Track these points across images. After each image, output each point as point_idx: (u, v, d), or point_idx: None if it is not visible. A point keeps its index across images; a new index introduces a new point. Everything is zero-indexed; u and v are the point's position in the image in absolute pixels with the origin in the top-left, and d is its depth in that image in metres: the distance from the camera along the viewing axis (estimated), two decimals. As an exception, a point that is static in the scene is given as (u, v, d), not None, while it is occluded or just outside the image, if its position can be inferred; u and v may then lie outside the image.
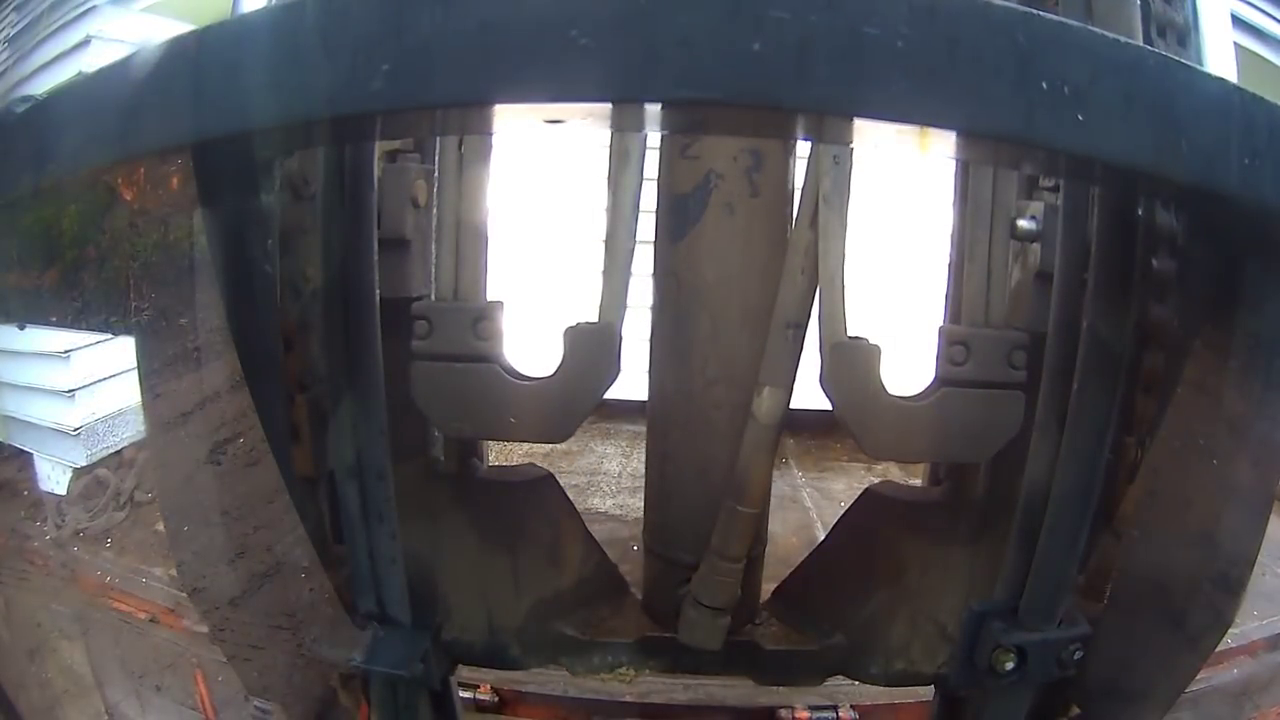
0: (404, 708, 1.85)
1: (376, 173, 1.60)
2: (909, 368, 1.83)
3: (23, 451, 4.00)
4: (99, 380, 3.78)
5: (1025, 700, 1.81)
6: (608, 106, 0.88)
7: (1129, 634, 1.77)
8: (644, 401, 1.99)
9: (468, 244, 1.80)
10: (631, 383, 1.85)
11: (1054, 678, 1.74)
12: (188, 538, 1.71)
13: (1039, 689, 1.81)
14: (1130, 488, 1.72)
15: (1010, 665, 1.68)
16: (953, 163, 1.83)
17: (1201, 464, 1.64)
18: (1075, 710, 1.90)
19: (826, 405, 1.75)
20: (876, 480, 2.25)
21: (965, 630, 1.73)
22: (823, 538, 2.17)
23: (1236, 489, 1.61)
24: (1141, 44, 1.48)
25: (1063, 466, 1.58)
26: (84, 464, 3.79)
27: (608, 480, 4.42)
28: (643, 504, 2.13)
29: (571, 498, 2.03)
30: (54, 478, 3.90)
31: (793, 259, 1.74)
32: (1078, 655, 1.72)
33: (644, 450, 2.08)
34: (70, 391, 3.66)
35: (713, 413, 1.86)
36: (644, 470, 2.11)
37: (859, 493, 2.06)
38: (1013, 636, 1.67)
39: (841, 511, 2.10)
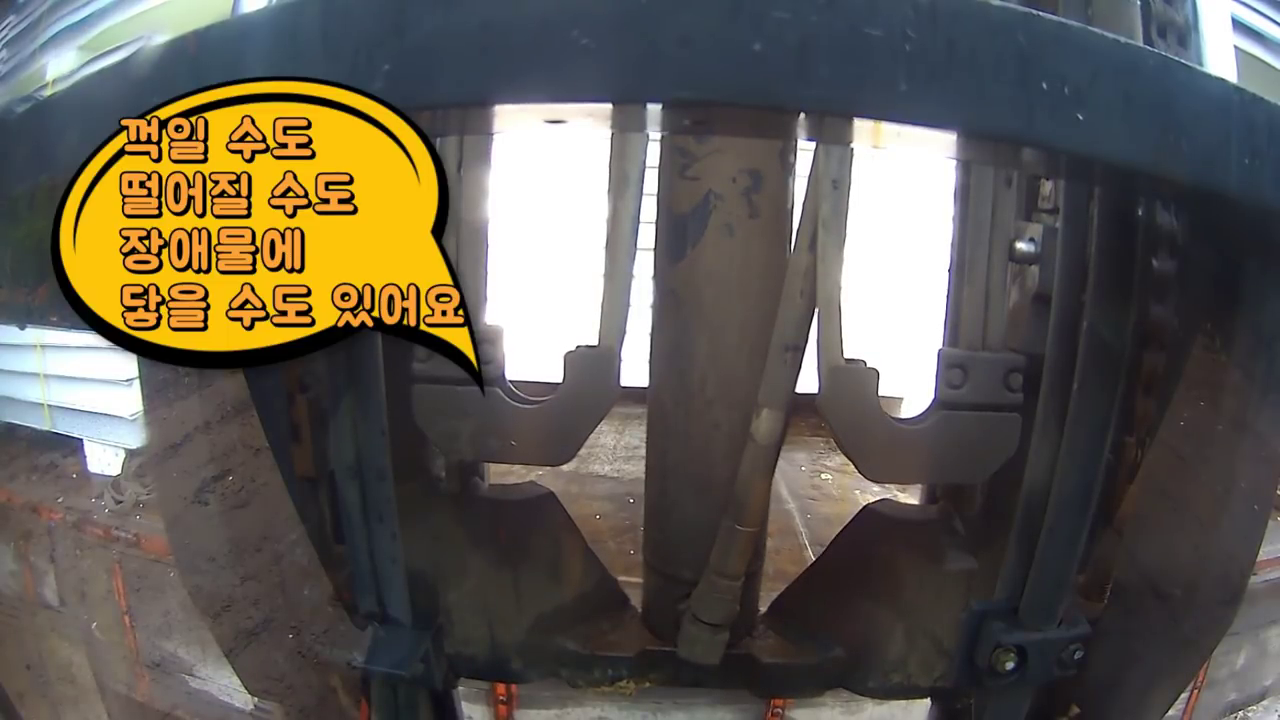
0: (404, 708, 1.85)
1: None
2: (909, 382, 1.84)
3: (67, 438, 4.16)
4: (153, 371, 3.94)
5: (1025, 700, 1.81)
6: (609, 106, 0.88)
7: (1129, 634, 1.77)
8: (634, 387, 1.99)
9: (467, 266, 1.80)
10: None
11: (1054, 678, 1.74)
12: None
13: (1039, 689, 1.81)
14: (1130, 488, 1.72)
15: (1010, 665, 1.68)
16: (951, 185, 1.84)
17: (1201, 464, 1.64)
18: (1075, 710, 1.90)
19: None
20: (835, 452, 2.27)
21: (965, 630, 1.73)
22: (820, 553, 2.19)
23: (1236, 489, 1.61)
24: (1141, 44, 1.49)
25: (1063, 467, 1.58)
26: (138, 446, 3.94)
27: (605, 451, 4.87)
28: (634, 470, 2.13)
29: (575, 465, 2.04)
30: (105, 460, 4.06)
31: (791, 282, 1.74)
32: (1078, 655, 1.72)
33: (635, 427, 2.09)
34: (129, 380, 3.81)
35: (712, 432, 1.86)
36: (635, 448, 2.12)
37: (820, 466, 2.08)
38: (1013, 636, 1.67)
39: (803, 475, 2.11)
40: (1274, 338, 1.56)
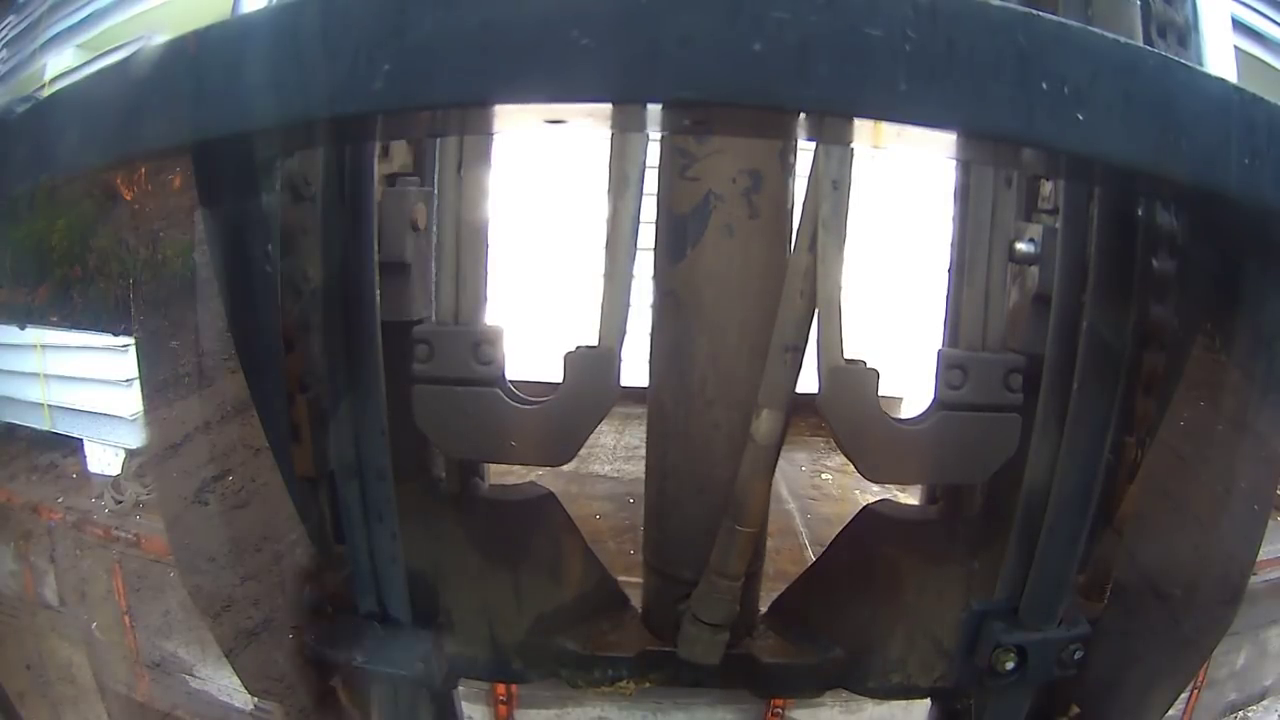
0: (404, 708, 1.85)
1: (376, 176, 1.60)
2: (909, 382, 1.84)
3: (67, 438, 4.19)
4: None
5: (1025, 700, 1.81)
6: (609, 106, 0.88)
7: (1129, 634, 1.77)
8: (634, 387, 2.00)
9: (468, 267, 1.81)
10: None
11: (1054, 678, 1.74)
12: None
13: (1039, 689, 1.81)
14: (1130, 488, 1.72)
15: (1010, 665, 1.68)
16: (951, 186, 1.85)
17: (1201, 464, 1.64)
18: (1075, 710, 1.90)
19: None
20: (835, 452, 2.26)
21: (965, 630, 1.73)
22: (820, 553, 2.18)
23: (1236, 489, 1.61)
24: (1141, 44, 1.49)
25: (1063, 467, 1.58)
26: (138, 446, 3.96)
27: (605, 451, 4.93)
28: (634, 470, 2.13)
29: (575, 465, 2.03)
30: (105, 460, 4.10)
31: (791, 282, 1.74)
32: (1078, 655, 1.72)
33: (635, 427, 2.09)
34: (128, 380, 3.84)
35: (711, 433, 1.86)
36: (635, 448, 2.12)
37: (820, 466, 2.08)
38: (1013, 636, 1.67)
39: (803, 475, 2.11)
40: (1274, 338, 1.56)
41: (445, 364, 1.77)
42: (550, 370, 1.77)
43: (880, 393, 1.76)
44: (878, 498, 2.19)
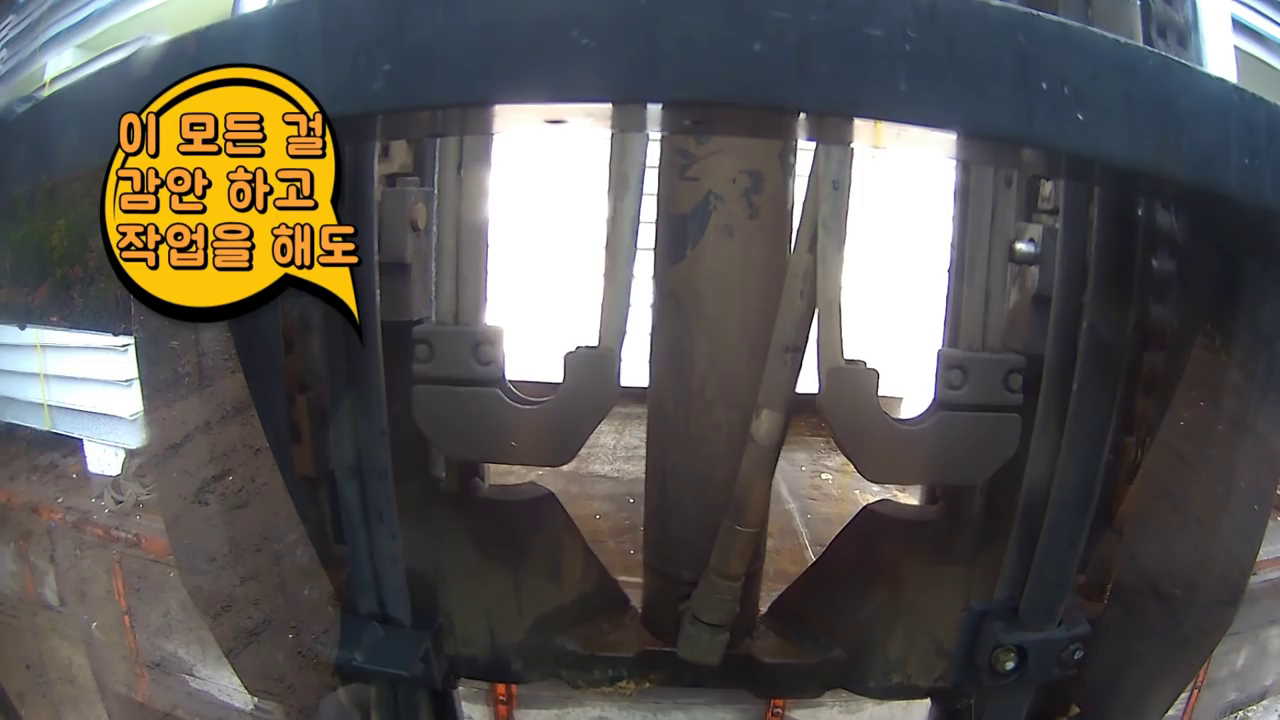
0: (404, 708, 1.85)
1: (376, 176, 1.60)
2: (909, 382, 1.85)
3: (67, 438, 4.19)
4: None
5: (1025, 700, 1.81)
6: (609, 106, 0.88)
7: (1129, 634, 1.77)
8: (634, 387, 2.00)
9: (468, 267, 1.81)
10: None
11: (1054, 677, 1.74)
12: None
13: (1039, 689, 1.81)
14: (1130, 488, 1.72)
15: (1010, 665, 1.68)
16: (951, 186, 1.85)
17: (1201, 464, 1.64)
18: (1075, 710, 1.90)
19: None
20: (835, 452, 2.27)
21: (965, 630, 1.73)
22: (820, 553, 2.19)
23: (1236, 489, 1.61)
24: (1141, 44, 1.49)
25: (1063, 467, 1.58)
26: (138, 446, 3.96)
27: (605, 451, 4.90)
28: (634, 470, 2.14)
29: (575, 465, 2.04)
30: (105, 460, 4.09)
31: (791, 283, 1.75)
32: (1078, 655, 1.72)
33: (635, 427, 2.09)
34: (128, 380, 3.84)
35: (712, 433, 1.87)
36: (635, 448, 2.12)
37: (820, 466, 2.08)
38: (1013, 636, 1.67)
39: (803, 475, 2.11)
40: (1274, 338, 1.57)
41: (445, 364, 1.77)
42: (550, 370, 1.77)
43: (880, 393, 1.76)
44: (878, 498, 2.19)
